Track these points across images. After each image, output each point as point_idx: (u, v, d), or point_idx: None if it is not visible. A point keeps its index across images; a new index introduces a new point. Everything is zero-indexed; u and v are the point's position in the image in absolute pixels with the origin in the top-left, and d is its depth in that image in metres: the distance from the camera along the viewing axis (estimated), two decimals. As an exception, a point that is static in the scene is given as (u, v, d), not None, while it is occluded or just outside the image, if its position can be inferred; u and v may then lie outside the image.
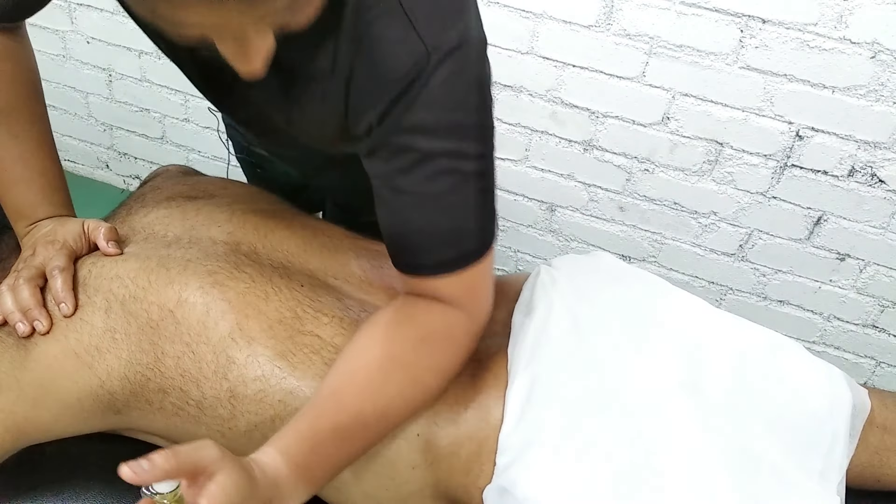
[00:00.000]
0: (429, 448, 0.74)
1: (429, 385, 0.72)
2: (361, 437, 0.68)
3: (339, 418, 0.66)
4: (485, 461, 0.74)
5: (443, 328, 0.73)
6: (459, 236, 0.71)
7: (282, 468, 0.60)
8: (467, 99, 0.67)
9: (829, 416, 0.79)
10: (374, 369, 0.69)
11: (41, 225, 0.82)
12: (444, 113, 0.66)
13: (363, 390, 0.68)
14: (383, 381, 0.69)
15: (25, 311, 0.72)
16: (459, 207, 0.70)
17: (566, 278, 0.87)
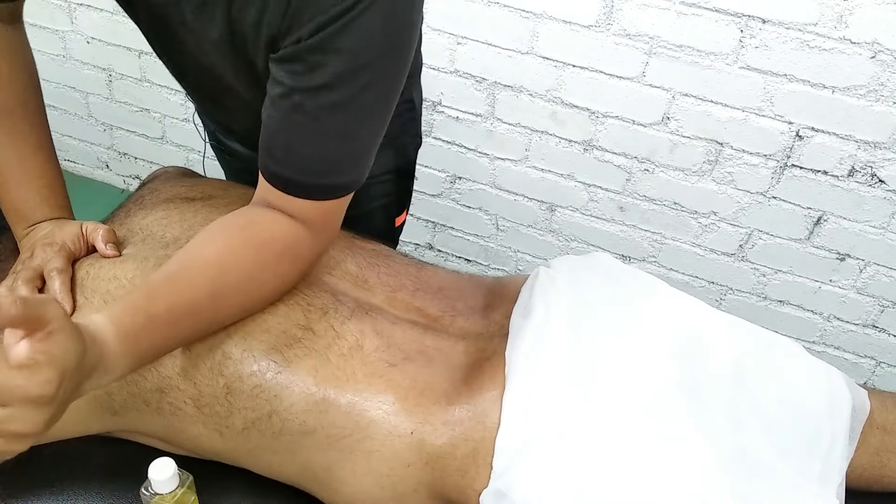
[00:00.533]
0: (423, 447, 0.74)
1: (265, 285, 0.74)
2: (193, 321, 0.68)
3: (174, 300, 0.66)
4: (481, 463, 0.74)
5: (286, 237, 0.74)
6: (339, 169, 0.72)
7: (111, 338, 0.59)
8: (400, 36, 0.68)
9: (828, 418, 0.79)
10: (213, 260, 0.70)
11: (39, 227, 0.82)
12: (373, 45, 0.66)
13: (200, 277, 0.68)
14: (220, 271, 0.69)
15: None
16: (350, 142, 0.71)
17: (565, 280, 0.87)
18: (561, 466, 0.72)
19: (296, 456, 0.76)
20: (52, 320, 0.52)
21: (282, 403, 0.73)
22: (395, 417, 0.74)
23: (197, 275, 0.68)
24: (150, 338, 0.64)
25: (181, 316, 0.67)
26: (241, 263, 0.71)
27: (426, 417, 0.75)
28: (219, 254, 0.70)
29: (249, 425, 0.74)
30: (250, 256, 0.71)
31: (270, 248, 0.73)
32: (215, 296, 0.69)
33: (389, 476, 0.75)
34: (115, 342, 0.60)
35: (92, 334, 0.58)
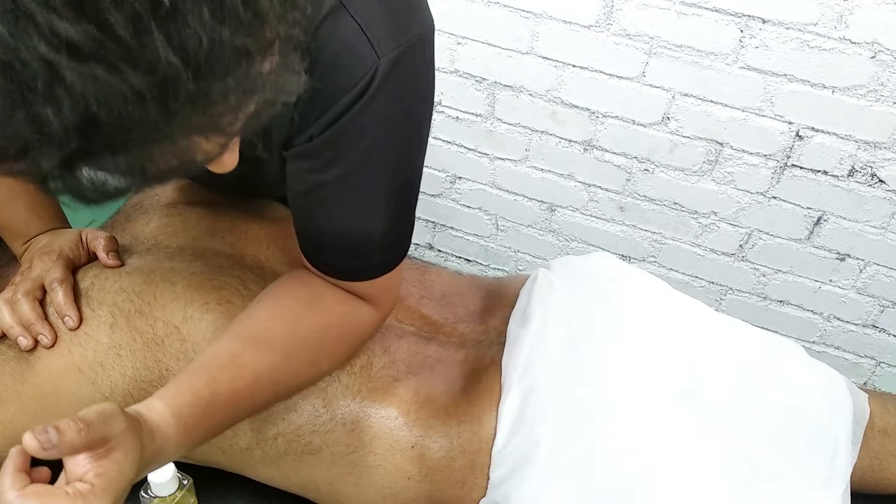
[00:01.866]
0: (423, 460, 0.74)
1: (323, 369, 0.73)
2: (250, 406, 0.67)
3: (236, 385, 0.63)
4: (478, 474, 0.74)
5: (351, 320, 0.73)
6: (378, 249, 0.71)
7: (170, 430, 0.58)
8: (409, 113, 0.66)
9: (829, 423, 0.79)
10: (279, 344, 0.68)
11: (37, 240, 0.80)
12: (386, 129, 0.64)
13: (264, 362, 0.66)
14: (284, 358, 0.68)
15: (28, 326, 0.71)
16: (387, 221, 0.69)
17: (564, 284, 0.86)
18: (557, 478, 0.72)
19: (298, 472, 0.76)
20: (112, 438, 0.50)
21: (289, 426, 0.73)
22: (398, 432, 0.74)
23: (260, 360, 0.66)
24: (207, 425, 0.62)
25: (239, 403, 0.65)
26: (304, 349, 0.69)
27: (426, 431, 0.75)
28: (284, 337, 0.68)
29: (253, 445, 0.73)
30: (315, 341, 0.70)
31: (335, 331, 0.72)
32: (275, 381, 0.68)
33: (390, 488, 0.75)
34: (175, 434, 0.58)
35: (152, 429, 0.56)
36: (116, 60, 0.32)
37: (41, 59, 0.31)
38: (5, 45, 0.30)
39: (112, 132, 0.34)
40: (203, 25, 0.33)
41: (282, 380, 0.68)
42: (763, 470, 0.75)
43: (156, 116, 0.34)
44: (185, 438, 0.59)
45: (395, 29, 0.60)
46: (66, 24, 0.30)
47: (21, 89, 0.32)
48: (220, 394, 0.62)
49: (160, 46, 0.32)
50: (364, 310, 0.73)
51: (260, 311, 0.70)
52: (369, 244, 0.70)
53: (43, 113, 0.32)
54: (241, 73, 0.36)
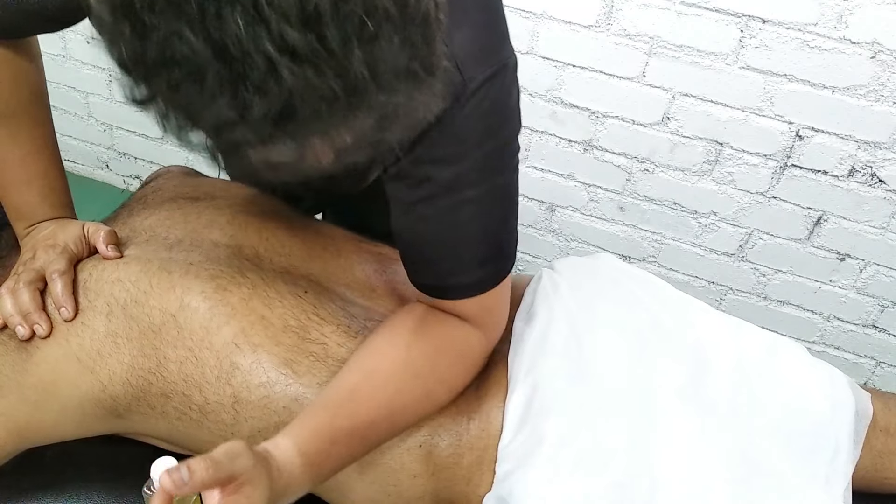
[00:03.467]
0: (430, 458, 0.74)
1: (439, 397, 0.74)
2: (371, 440, 0.69)
3: (354, 421, 0.66)
4: (485, 470, 0.74)
5: (460, 344, 0.74)
6: (481, 263, 0.72)
7: (297, 468, 0.61)
8: (493, 131, 0.67)
9: (831, 422, 0.79)
10: (392, 375, 0.70)
11: (41, 227, 0.81)
12: (471, 145, 0.66)
13: (380, 394, 0.68)
14: (399, 388, 0.70)
15: (25, 315, 0.72)
16: (482, 235, 0.70)
17: (567, 283, 0.86)
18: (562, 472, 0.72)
19: None
20: (241, 474, 0.53)
21: (291, 415, 0.73)
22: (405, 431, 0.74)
23: (377, 393, 0.68)
24: (331, 461, 0.65)
25: (360, 437, 0.67)
26: (418, 378, 0.71)
27: (435, 429, 0.75)
28: (396, 369, 0.70)
29: (255, 434, 0.73)
30: (428, 369, 0.72)
31: (446, 355, 0.73)
32: (393, 414, 0.69)
33: (396, 486, 0.75)
34: (301, 471, 0.61)
35: (279, 466, 0.59)
36: (324, 65, 0.38)
37: (265, 56, 0.37)
38: (238, 40, 0.37)
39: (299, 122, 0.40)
40: (392, 50, 0.40)
41: (399, 411, 0.70)
42: (764, 467, 0.75)
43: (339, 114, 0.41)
44: (311, 475, 0.62)
45: (483, 56, 0.64)
46: (294, 33, 0.37)
47: (236, 77, 0.38)
48: (340, 430, 0.65)
49: (356, 61, 0.39)
50: (471, 332, 0.74)
51: (372, 345, 0.72)
52: (466, 258, 0.71)
53: (250, 100, 0.39)
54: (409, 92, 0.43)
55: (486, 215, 0.70)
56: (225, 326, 0.73)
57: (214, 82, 0.38)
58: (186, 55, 0.38)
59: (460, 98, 0.62)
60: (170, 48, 0.38)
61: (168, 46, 0.38)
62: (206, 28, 0.37)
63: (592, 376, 0.77)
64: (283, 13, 0.37)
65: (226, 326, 0.73)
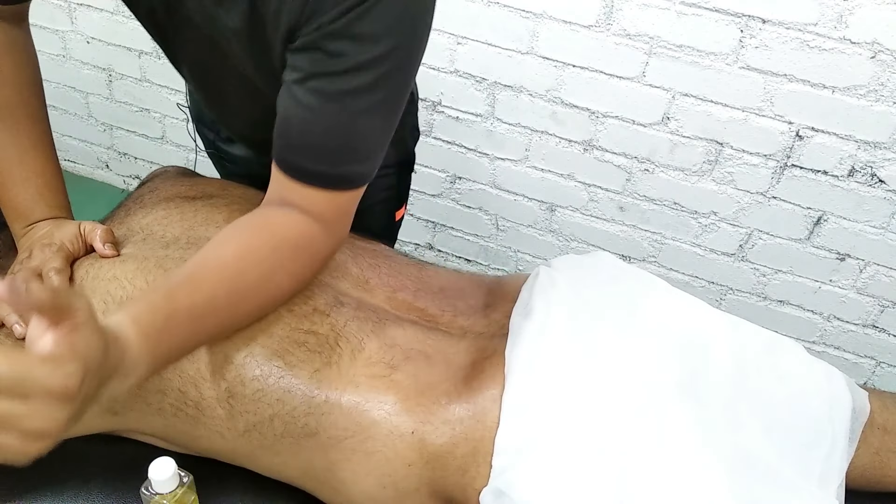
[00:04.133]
0: (424, 446, 0.74)
1: (281, 285, 0.73)
2: (212, 321, 0.68)
3: (194, 299, 0.65)
4: (481, 462, 0.74)
5: (302, 238, 0.73)
6: (355, 157, 0.72)
7: (132, 337, 0.58)
8: (417, 23, 0.67)
9: (828, 419, 0.79)
10: (231, 260, 0.69)
11: (38, 227, 0.82)
12: (393, 31, 0.65)
13: (219, 277, 0.68)
14: (238, 271, 0.69)
15: (22, 314, 0.72)
16: (367, 130, 0.71)
17: (565, 280, 0.87)
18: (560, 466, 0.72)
19: (297, 457, 0.76)
20: (79, 313, 0.50)
21: (284, 407, 0.73)
22: (397, 418, 0.74)
23: (215, 275, 0.68)
24: (170, 338, 0.62)
25: (200, 316, 0.66)
26: (258, 262, 0.70)
27: (427, 417, 0.75)
28: (236, 254, 0.70)
29: (251, 428, 0.74)
30: (267, 255, 0.71)
31: (286, 245, 0.72)
32: (233, 295, 0.69)
33: (391, 476, 0.75)
34: (136, 342, 0.58)
35: (114, 333, 0.56)
36: None
37: None
38: None
39: None
40: None
41: (239, 292, 0.69)
42: (760, 463, 0.75)
43: None
44: (150, 348, 0.59)
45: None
46: None
47: None
48: (178, 306, 0.63)
49: None
50: (315, 227, 0.74)
51: (213, 240, 0.72)
52: (346, 150, 0.71)
53: None
54: None
55: (377, 111, 0.70)
56: None
57: None
58: None
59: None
60: None
61: None
62: None
63: (590, 371, 0.77)
64: None
65: None
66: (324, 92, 0.68)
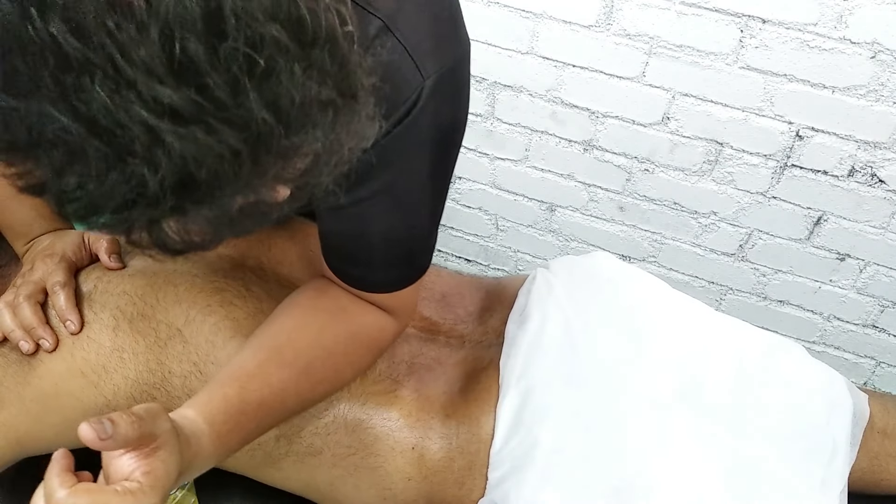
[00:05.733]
0: (423, 462, 0.74)
1: (346, 378, 0.73)
2: (278, 415, 0.67)
3: (264, 393, 0.64)
4: (477, 475, 0.74)
5: (374, 331, 0.73)
6: (408, 262, 0.72)
7: (205, 439, 0.58)
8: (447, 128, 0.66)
9: (828, 424, 0.79)
10: (304, 355, 0.68)
11: (39, 240, 0.80)
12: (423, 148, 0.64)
13: (291, 371, 0.67)
14: (308, 368, 0.68)
15: (29, 330, 0.71)
16: (409, 235, 0.70)
17: (562, 285, 0.86)
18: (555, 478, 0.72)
19: (300, 473, 0.76)
20: (159, 436, 0.51)
21: (291, 428, 0.73)
22: (399, 433, 0.74)
23: (288, 367, 0.67)
24: (240, 434, 0.62)
25: (268, 410, 0.65)
26: (329, 358, 0.70)
27: (426, 432, 0.75)
28: (310, 345, 0.69)
29: (255, 447, 0.73)
30: (341, 351, 0.71)
31: (359, 341, 0.72)
32: (302, 390, 0.68)
33: (391, 490, 0.75)
34: (209, 442, 0.58)
35: (188, 436, 0.56)
36: (214, 122, 0.33)
37: (143, 125, 0.32)
38: (106, 111, 0.31)
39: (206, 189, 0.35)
40: (294, 83, 0.34)
41: (308, 388, 0.68)
42: (761, 470, 0.75)
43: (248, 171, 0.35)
44: (219, 447, 0.59)
45: (439, 50, 0.60)
46: (168, 91, 0.31)
47: (118, 152, 0.32)
48: (250, 402, 0.62)
49: (255, 106, 0.33)
50: (386, 321, 0.74)
51: (285, 321, 0.70)
52: (398, 258, 0.71)
53: (140, 174, 0.33)
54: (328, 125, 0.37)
55: (425, 216, 0.69)
56: (231, 341, 0.73)
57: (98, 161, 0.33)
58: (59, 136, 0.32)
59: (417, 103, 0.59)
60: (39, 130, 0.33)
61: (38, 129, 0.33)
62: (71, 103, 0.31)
63: (587, 379, 0.77)
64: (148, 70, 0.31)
65: (231, 341, 0.73)
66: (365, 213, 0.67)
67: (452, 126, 0.67)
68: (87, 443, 0.46)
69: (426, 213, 0.70)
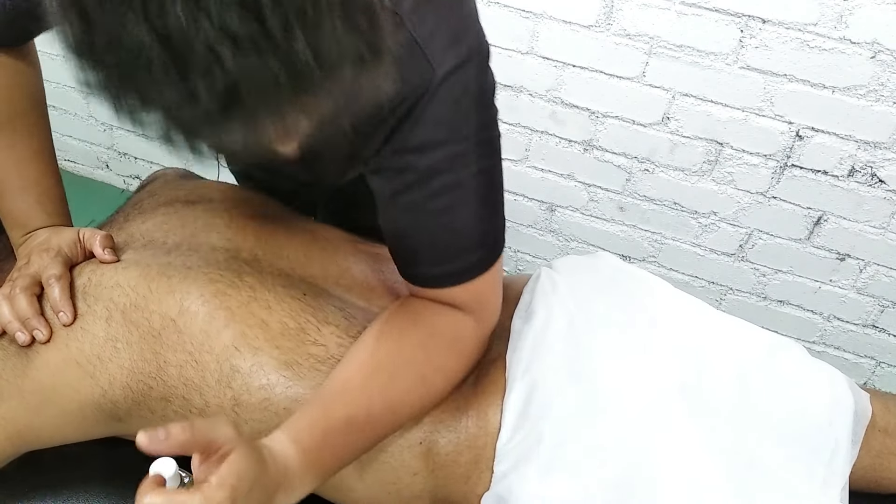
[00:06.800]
0: (430, 456, 0.74)
1: (436, 384, 0.73)
2: (369, 430, 0.69)
3: (349, 410, 0.66)
4: (483, 469, 0.74)
5: (451, 330, 0.74)
6: (465, 249, 0.72)
7: (292, 455, 0.61)
8: (469, 115, 0.68)
9: (830, 423, 0.79)
10: (384, 365, 0.70)
11: (36, 234, 0.81)
12: (446, 131, 0.67)
13: (373, 384, 0.69)
14: (392, 377, 0.70)
15: (24, 321, 0.72)
16: (463, 221, 0.71)
17: (566, 282, 0.87)
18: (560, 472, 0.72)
19: None
20: (224, 442, 0.53)
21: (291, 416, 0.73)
22: (407, 427, 0.74)
23: (370, 381, 0.68)
24: (332, 451, 0.64)
25: (358, 427, 0.67)
26: (411, 364, 0.71)
27: (435, 426, 0.75)
28: (390, 354, 0.71)
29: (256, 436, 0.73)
30: (421, 356, 0.72)
31: (437, 342, 0.73)
32: (390, 402, 0.69)
33: (396, 484, 0.75)
34: (297, 459, 0.61)
35: (273, 453, 0.59)
36: (265, 52, 0.39)
37: (207, 45, 0.38)
38: (181, 30, 0.37)
39: (246, 108, 0.41)
40: (335, 34, 0.41)
41: (395, 399, 0.70)
42: (762, 467, 0.75)
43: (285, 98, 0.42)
44: (310, 466, 0.62)
45: (450, 46, 0.64)
46: (235, 20, 0.38)
47: (181, 63, 0.39)
48: (337, 419, 0.65)
49: (300, 46, 0.40)
50: (462, 319, 0.74)
51: (366, 339, 0.73)
52: (456, 243, 0.72)
53: (196, 84, 0.39)
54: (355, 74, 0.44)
55: (468, 200, 0.70)
56: (225, 330, 0.73)
57: (161, 68, 0.39)
58: (132, 43, 0.39)
59: (430, 86, 0.63)
60: (116, 36, 0.39)
61: (114, 35, 0.39)
62: (150, 19, 0.38)
63: (591, 375, 0.77)
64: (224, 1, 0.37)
65: (225, 330, 0.73)
66: (413, 204, 0.70)
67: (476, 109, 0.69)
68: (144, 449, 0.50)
69: (471, 193, 0.70)
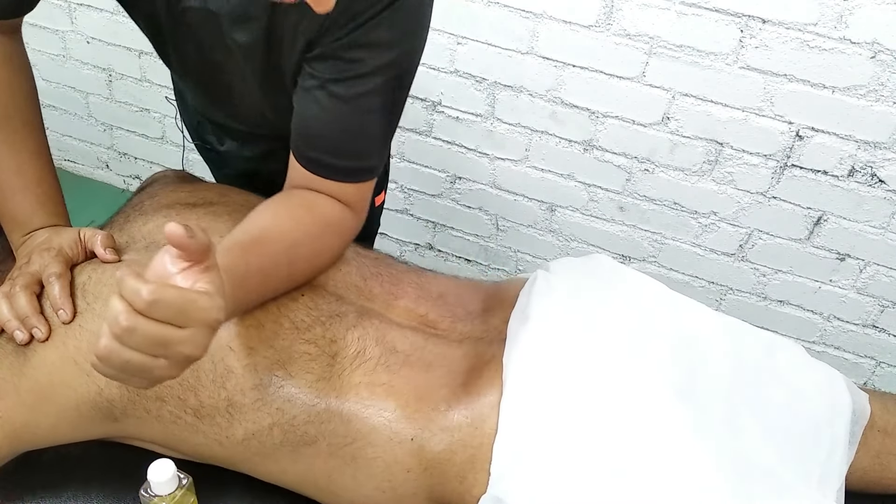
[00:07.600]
0: (423, 453, 0.74)
1: (323, 260, 0.83)
2: (274, 282, 0.75)
3: (263, 261, 0.72)
4: (479, 469, 0.74)
5: (339, 221, 0.83)
6: (369, 152, 0.82)
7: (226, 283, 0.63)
8: (423, 25, 0.76)
9: (828, 422, 0.79)
10: (288, 232, 0.76)
11: (36, 234, 0.81)
12: (402, 37, 0.74)
13: (280, 245, 0.75)
14: (294, 243, 0.76)
15: (23, 319, 0.72)
16: (376, 126, 0.80)
17: (562, 284, 0.87)
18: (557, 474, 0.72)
19: (296, 464, 0.76)
20: (210, 256, 0.56)
21: (284, 416, 0.73)
22: (396, 424, 0.74)
23: (277, 242, 0.75)
24: (245, 290, 0.69)
25: (266, 275, 0.73)
26: (308, 238, 0.79)
27: (426, 424, 0.75)
28: (292, 227, 0.77)
29: (249, 436, 0.74)
30: (317, 233, 0.80)
31: (330, 227, 0.81)
32: (290, 263, 0.76)
33: (390, 482, 0.75)
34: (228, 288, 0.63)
35: None
36: None
37: None
38: None
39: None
40: None
41: (295, 262, 0.77)
42: (759, 467, 0.75)
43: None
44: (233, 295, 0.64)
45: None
46: None
47: None
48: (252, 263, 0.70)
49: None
50: (347, 213, 0.83)
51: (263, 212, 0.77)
52: (369, 147, 0.81)
53: None
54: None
55: (389, 109, 0.79)
56: (221, 330, 0.73)
57: None
58: None
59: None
60: None
61: None
62: None
63: (588, 377, 0.77)
64: None
65: (221, 330, 0.73)
66: (341, 96, 0.75)
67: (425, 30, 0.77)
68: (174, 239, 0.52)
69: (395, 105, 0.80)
